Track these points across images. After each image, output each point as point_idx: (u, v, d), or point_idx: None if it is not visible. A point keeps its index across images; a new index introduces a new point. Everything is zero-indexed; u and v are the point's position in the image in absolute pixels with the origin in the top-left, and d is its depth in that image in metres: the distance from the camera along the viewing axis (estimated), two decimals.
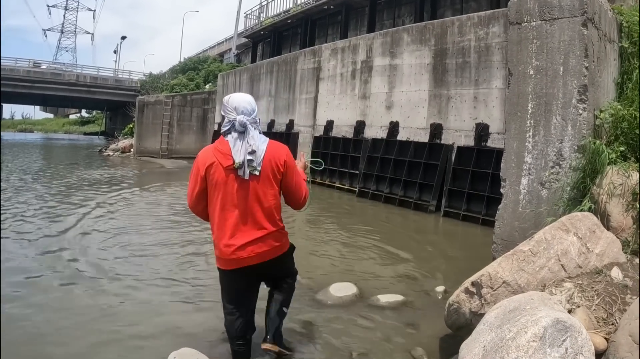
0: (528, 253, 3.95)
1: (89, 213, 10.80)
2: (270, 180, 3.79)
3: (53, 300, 5.56)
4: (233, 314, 3.93)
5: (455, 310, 4.11)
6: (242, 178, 3.70)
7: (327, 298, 5.83)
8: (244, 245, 3.72)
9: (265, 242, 3.79)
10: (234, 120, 3.75)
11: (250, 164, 3.68)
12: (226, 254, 3.76)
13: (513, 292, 3.82)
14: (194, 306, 5.53)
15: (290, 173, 3.91)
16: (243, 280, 3.91)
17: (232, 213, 3.73)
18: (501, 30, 12.21)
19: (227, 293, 3.98)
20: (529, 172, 5.60)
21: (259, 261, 3.80)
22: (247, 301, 4.00)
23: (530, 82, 5.66)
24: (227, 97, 3.93)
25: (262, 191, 3.76)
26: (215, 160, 3.72)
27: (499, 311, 3.19)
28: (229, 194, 3.72)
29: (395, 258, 8.19)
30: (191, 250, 8.07)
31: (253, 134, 3.75)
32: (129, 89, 55.38)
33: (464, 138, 12.96)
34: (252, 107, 3.86)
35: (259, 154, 3.72)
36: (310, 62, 20.21)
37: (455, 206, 12.58)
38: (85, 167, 23.54)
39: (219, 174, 3.71)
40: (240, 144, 3.70)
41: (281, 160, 3.83)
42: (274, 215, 3.85)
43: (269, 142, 3.85)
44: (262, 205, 3.77)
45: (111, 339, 4.63)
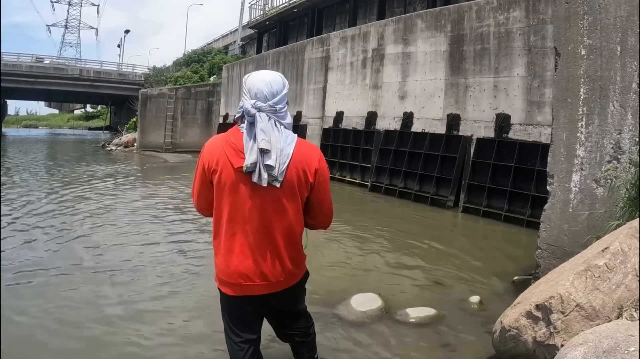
0: (604, 268, 3.23)
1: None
2: (295, 191, 2.87)
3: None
4: (240, 348, 3.07)
5: (513, 337, 3.38)
6: (257, 185, 2.78)
7: (349, 312, 5.13)
8: (255, 269, 2.87)
9: (282, 268, 2.92)
10: (243, 107, 2.83)
11: (270, 172, 2.75)
12: (232, 277, 2.91)
13: (586, 317, 3.10)
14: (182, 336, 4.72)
15: (322, 185, 3.00)
16: (249, 309, 3.06)
17: (241, 227, 2.85)
18: (522, 14, 11.50)
19: (232, 322, 3.10)
20: (582, 167, 4.88)
21: (272, 290, 2.95)
22: (257, 331, 3.16)
23: (582, 63, 4.94)
24: (246, 75, 2.97)
25: (282, 205, 2.86)
26: (225, 156, 2.83)
27: (586, 349, 2.46)
28: (239, 203, 2.83)
29: (416, 261, 7.54)
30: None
31: (264, 126, 2.77)
32: (133, 83, 54.90)
33: (484, 130, 12.25)
34: (272, 89, 2.84)
35: (282, 160, 2.78)
36: (318, 52, 19.52)
37: (475, 201, 11.88)
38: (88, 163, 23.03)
39: (228, 176, 2.82)
40: (252, 140, 2.77)
41: (312, 167, 2.90)
42: (294, 234, 2.95)
43: (297, 141, 2.90)
44: (282, 221, 2.88)
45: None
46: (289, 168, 2.78)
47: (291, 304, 3.23)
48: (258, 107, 2.77)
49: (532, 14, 11.27)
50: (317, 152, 2.97)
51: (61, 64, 63.01)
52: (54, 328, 4.70)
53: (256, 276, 2.87)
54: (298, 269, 3.04)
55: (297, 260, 3.02)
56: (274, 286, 2.92)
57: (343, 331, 4.72)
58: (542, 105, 10.86)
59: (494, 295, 5.88)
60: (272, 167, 2.71)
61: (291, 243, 2.94)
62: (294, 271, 3.00)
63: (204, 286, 5.94)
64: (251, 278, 2.87)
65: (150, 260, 7.09)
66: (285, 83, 2.93)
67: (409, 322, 5.02)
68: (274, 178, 2.73)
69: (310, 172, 2.87)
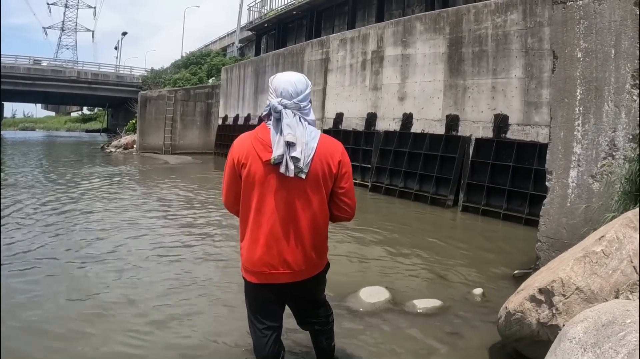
0: (600, 254, 3.47)
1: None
2: (319, 183, 3.07)
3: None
4: (264, 335, 3.26)
5: (517, 320, 3.63)
6: (284, 178, 2.99)
7: (359, 304, 5.37)
8: (279, 258, 3.06)
9: (305, 258, 3.11)
10: (270, 104, 3.08)
11: (296, 164, 2.95)
12: (256, 266, 3.10)
13: (585, 299, 3.35)
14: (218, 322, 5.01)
15: (345, 176, 3.19)
16: (273, 297, 3.25)
17: (268, 218, 3.05)
18: (520, 17, 11.77)
19: (256, 310, 3.30)
20: (579, 164, 5.14)
21: (294, 279, 3.13)
22: (279, 318, 3.36)
23: (578, 65, 5.20)
24: (272, 76, 3.21)
25: (307, 196, 3.06)
26: (254, 151, 3.04)
27: (587, 325, 2.71)
28: (266, 195, 3.04)
29: (419, 257, 7.75)
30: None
31: (289, 121, 2.99)
32: (130, 85, 54.89)
33: (482, 130, 12.50)
34: (297, 89, 3.08)
35: (307, 153, 2.99)
36: (317, 53, 19.77)
37: (474, 200, 12.12)
38: (88, 164, 23.18)
39: (257, 169, 3.02)
40: (279, 134, 2.98)
41: (335, 159, 3.11)
42: (318, 226, 3.16)
43: (320, 136, 3.12)
44: (306, 212, 3.07)
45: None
46: (314, 161, 3.00)
47: (313, 293, 3.43)
48: (284, 104, 3.01)
49: (529, 16, 11.52)
50: (340, 146, 3.18)
51: (59, 66, 63.01)
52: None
53: (280, 265, 3.06)
54: (320, 259, 3.24)
55: (320, 251, 3.22)
56: (297, 275, 3.11)
57: (355, 321, 4.94)
58: (539, 106, 11.12)
59: (496, 288, 6.10)
60: (298, 158, 2.92)
61: (315, 233, 3.13)
62: (317, 261, 3.20)
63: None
64: (275, 267, 3.06)
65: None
66: (308, 83, 3.17)
67: (417, 313, 5.25)
68: (299, 169, 2.94)
69: (334, 164, 3.08)
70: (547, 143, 5.59)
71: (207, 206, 11.85)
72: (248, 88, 26.98)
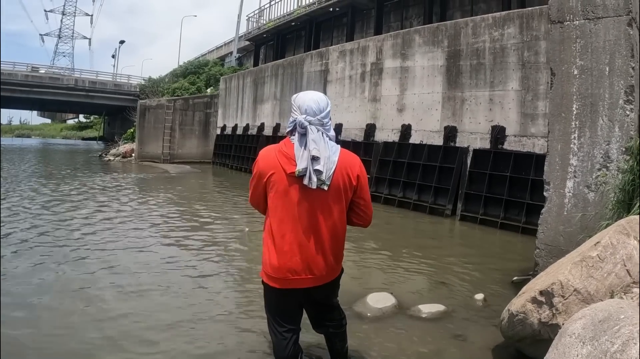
0: (596, 258, 3.76)
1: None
2: (340, 194, 3.34)
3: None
4: (284, 337, 3.49)
5: (520, 321, 3.91)
6: (307, 189, 3.23)
7: (367, 309, 5.62)
8: (302, 264, 3.30)
9: (325, 263, 3.37)
10: (295, 120, 3.32)
11: (319, 177, 3.19)
12: (280, 273, 3.33)
13: (583, 300, 3.63)
14: (235, 326, 5.26)
15: (362, 189, 3.47)
16: (293, 301, 3.49)
17: (291, 227, 3.29)
18: (516, 31, 12.08)
19: (277, 314, 3.52)
20: (575, 175, 5.43)
21: (315, 284, 3.39)
22: (298, 321, 3.59)
23: (574, 82, 5.50)
24: (294, 95, 3.49)
25: (328, 206, 3.31)
26: (278, 163, 3.28)
27: (585, 321, 2.99)
28: (290, 205, 3.28)
29: (420, 264, 8.01)
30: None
31: (315, 137, 3.23)
32: (128, 94, 55.09)
33: (480, 141, 12.79)
34: (319, 106, 3.34)
35: (329, 166, 3.23)
36: (317, 65, 20.06)
37: (472, 210, 12.40)
38: (88, 173, 23.33)
39: (281, 182, 3.27)
40: (304, 149, 3.22)
41: (354, 172, 3.38)
42: (338, 233, 3.41)
43: (340, 151, 3.37)
44: (327, 221, 3.32)
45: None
46: (335, 174, 3.26)
47: (329, 296, 3.69)
48: (308, 121, 3.26)
49: (525, 30, 11.83)
50: (357, 160, 3.46)
51: (57, 74, 63.07)
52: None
53: (303, 271, 3.31)
54: (338, 264, 3.51)
55: (339, 256, 3.49)
56: (317, 280, 3.36)
57: (364, 325, 5.20)
58: (535, 118, 11.42)
59: (496, 293, 6.34)
60: (321, 171, 3.17)
61: (335, 240, 3.39)
62: (335, 267, 3.47)
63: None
64: (299, 273, 3.30)
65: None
66: (328, 102, 3.44)
67: (422, 317, 5.50)
68: (322, 181, 3.19)
69: (353, 176, 3.35)
70: (543, 154, 5.90)
71: (220, 211, 12.09)
72: (247, 98, 27.23)
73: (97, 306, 5.56)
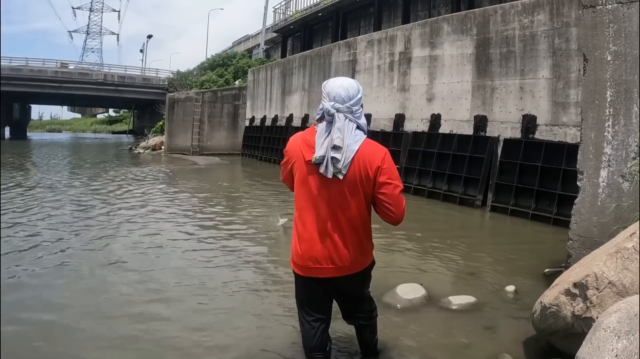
0: (632, 250, 3.65)
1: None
2: (357, 186, 3.20)
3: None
4: (312, 326, 3.48)
5: (553, 314, 3.81)
6: (324, 177, 3.16)
7: (396, 301, 5.57)
8: (322, 253, 3.26)
9: (348, 254, 3.28)
10: (323, 108, 3.23)
11: (335, 164, 3.11)
12: (302, 260, 3.33)
13: (617, 293, 3.53)
14: (266, 316, 5.26)
15: (388, 182, 3.23)
16: (318, 290, 3.44)
17: (311, 215, 3.27)
18: (547, 18, 11.84)
19: (304, 302, 3.52)
20: (609, 164, 5.29)
21: (338, 274, 3.32)
22: (326, 311, 3.55)
23: (608, 68, 5.35)
24: (325, 82, 3.41)
25: (345, 197, 3.22)
26: (300, 151, 3.27)
27: (620, 315, 2.90)
28: (309, 193, 3.25)
29: (450, 256, 7.93)
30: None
31: (340, 125, 3.15)
32: (156, 87, 55.35)
33: (510, 131, 12.59)
34: (349, 93, 3.23)
35: (347, 154, 3.13)
36: (345, 55, 19.97)
37: (502, 200, 12.20)
38: (120, 164, 23.59)
39: (301, 169, 3.27)
40: (327, 136, 3.15)
41: (374, 165, 3.19)
42: (357, 226, 3.30)
43: (364, 141, 3.25)
44: (345, 212, 3.23)
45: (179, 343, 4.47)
46: (352, 164, 3.15)
47: (357, 288, 3.62)
48: (336, 108, 3.19)
49: (556, 17, 11.58)
50: (382, 153, 3.28)
51: (86, 69, 63.64)
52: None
53: (324, 260, 3.27)
54: (363, 257, 3.42)
55: (363, 249, 3.39)
56: (339, 271, 3.30)
57: (394, 316, 5.15)
58: (567, 106, 11.19)
59: (527, 285, 6.21)
60: (338, 159, 3.11)
61: (355, 232, 3.31)
62: (359, 259, 3.38)
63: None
64: (319, 262, 3.28)
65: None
66: (359, 88, 3.35)
67: (452, 309, 5.44)
68: (338, 169, 3.12)
69: (372, 169, 3.19)
70: (575, 144, 5.76)
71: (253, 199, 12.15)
72: (275, 89, 27.25)
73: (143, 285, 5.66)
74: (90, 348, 4.37)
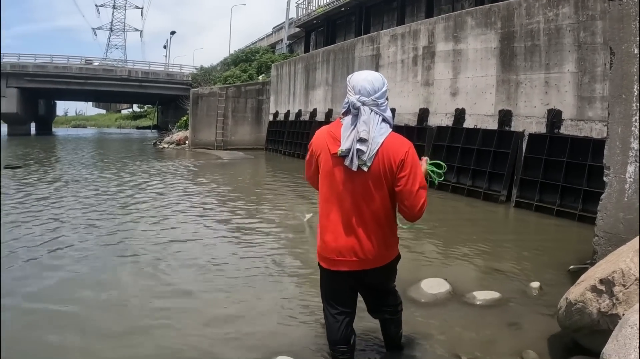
0: None
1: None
2: (381, 179, 3.19)
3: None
4: (336, 320, 3.49)
5: (578, 310, 3.78)
6: (349, 170, 3.17)
7: (420, 295, 5.60)
8: (345, 246, 3.27)
9: (371, 247, 3.29)
10: (349, 101, 3.24)
11: (360, 157, 3.12)
12: (326, 252, 3.35)
13: None
14: (290, 308, 5.31)
15: (407, 177, 3.20)
16: (343, 283, 3.45)
17: (335, 207, 3.28)
18: (572, 11, 11.68)
19: (328, 295, 3.54)
20: (636, 159, 5.21)
21: (362, 267, 3.33)
22: (350, 304, 3.56)
23: (635, 61, 5.26)
24: (350, 75, 3.41)
25: (369, 190, 3.22)
26: (325, 144, 3.29)
27: None
28: (335, 186, 3.26)
29: (474, 251, 7.90)
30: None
31: (366, 118, 3.15)
32: (180, 83, 55.73)
33: (535, 125, 12.47)
34: (374, 86, 3.23)
35: (373, 147, 3.13)
36: (368, 49, 19.94)
37: (527, 196, 12.07)
38: (145, 159, 23.81)
39: (326, 161, 3.27)
40: (352, 129, 3.17)
41: (397, 158, 3.17)
42: (380, 220, 3.30)
43: (389, 134, 3.23)
44: (370, 205, 3.24)
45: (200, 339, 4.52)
46: (377, 156, 3.16)
47: (382, 282, 3.65)
48: (362, 101, 3.20)
49: (581, 10, 11.42)
50: (406, 146, 3.25)
51: (110, 66, 64.21)
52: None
53: (348, 253, 3.29)
54: (388, 251, 3.43)
55: (386, 243, 3.39)
56: (363, 264, 3.32)
57: (418, 311, 5.16)
58: (592, 101, 11.05)
59: (552, 282, 6.17)
60: (364, 151, 3.12)
61: (379, 227, 3.32)
62: (383, 253, 3.39)
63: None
64: (343, 254, 3.30)
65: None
66: (384, 81, 3.35)
67: (476, 304, 5.44)
68: (363, 162, 3.14)
69: (395, 162, 3.18)
70: (601, 139, 5.68)
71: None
72: (299, 84, 27.30)
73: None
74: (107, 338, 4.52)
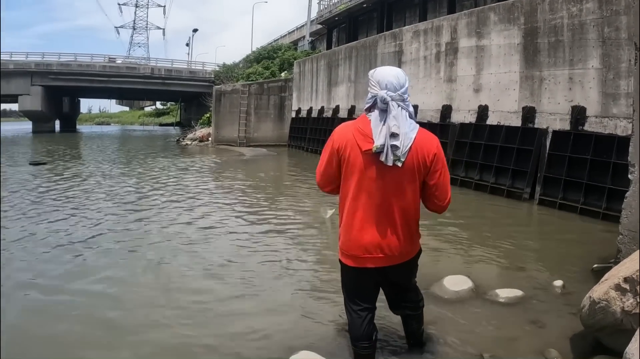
0: None
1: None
2: (414, 173, 3.27)
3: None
4: (359, 316, 3.54)
5: (602, 309, 3.78)
6: (383, 166, 3.20)
7: (443, 292, 5.61)
8: (373, 242, 3.31)
9: (398, 243, 3.35)
10: (376, 96, 3.27)
11: (395, 152, 3.17)
12: (352, 250, 3.38)
13: None
14: (311, 304, 5.37)
15: (438, 170, 3.35)
16: (367, 279, 3.50)
17: (364, 204, 3.30)
18: (595, 6, 11.55)
19: (351, 292, 3.58)
20: None
21: (388, 263, 3.38)
22: (373, 300, 3.62)
23: None
24: (372, 71, 3.46)
25: (401, 185, 3.27)
26: (354, 140, 3.28)
27: None
28: (364, 182, 3.27)
29: (497, 248, 7.86)
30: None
31: (396, 113, 3.19)
32: (203, 80, 56.07)
33: (559, 122, 12.36)
34: (400, 82, 3.30)
35: (406, 142, 3.19)
36: (391, 46, 19.90)
37: (550, 194, 11.97)
38: (169, 155, 24.02)
39: (356, 158, 3.27)
40: (383, 125, 3.20)
41: (430, 153, 3.30)
42: (410, 214, 3.39)
43: (419, 130, 3.32)
44: (400, 200, 3.29)
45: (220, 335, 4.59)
46: (410, 151, 3.23)
47: (405, 278, 3.69)
48: (390, 97, 3.24)
49: (605, 5, 11.28)
50: (435, 141, 3.39)
51: (133, 64, 64.68)
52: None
53: (374, 250, 3.33)
54: (412, 246, 3.49)
55: (412, 237, 3.47)
56: (389, 260, 3.37)
57: (440, 308, 5.18)
58: (617, 97, 10.93)
59: (575, 280, 6.13)
60: (398, 147, 3.17)
61: (406, 220, 3.38)
62: (409, 248, 3.45)
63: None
64: (370, 251, 3.34)
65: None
66: (407, 77, 3.42)
67: (499, 301, 5.43)
68: (397, 157, 3.18)
69: (429, 156, 3.29)
70: (625, 136, 5.65)
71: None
72: (321, 81, 27.31)
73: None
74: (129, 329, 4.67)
